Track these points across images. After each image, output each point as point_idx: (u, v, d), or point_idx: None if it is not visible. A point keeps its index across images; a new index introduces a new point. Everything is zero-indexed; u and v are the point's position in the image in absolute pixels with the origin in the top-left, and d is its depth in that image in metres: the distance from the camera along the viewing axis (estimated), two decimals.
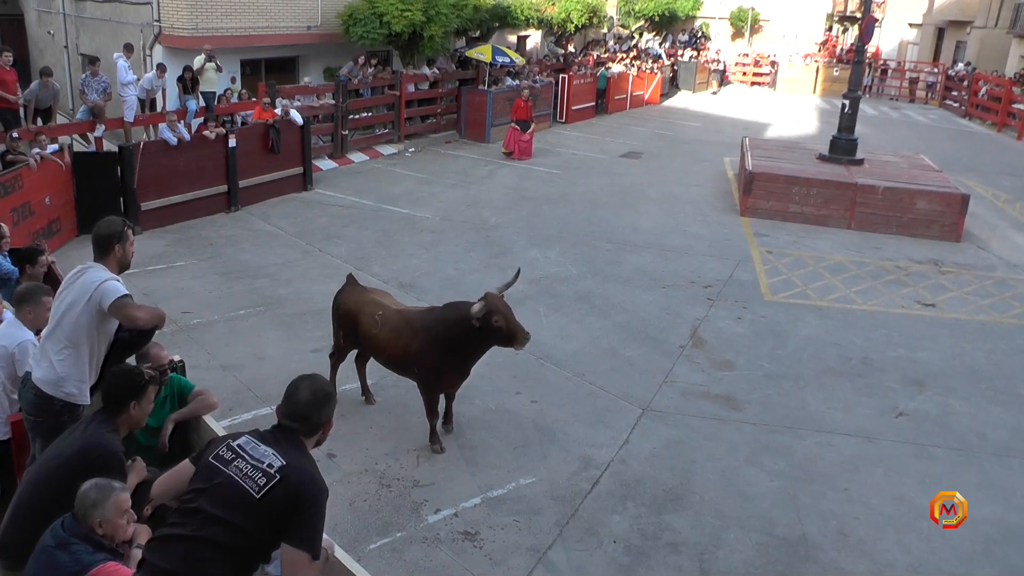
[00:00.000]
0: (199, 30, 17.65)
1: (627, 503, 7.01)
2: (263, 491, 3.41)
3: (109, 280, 4.70)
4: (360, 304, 7.92)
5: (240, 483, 3.45)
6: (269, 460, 3.49)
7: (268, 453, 3.51)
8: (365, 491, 6.95)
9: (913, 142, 23.83)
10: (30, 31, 24.65)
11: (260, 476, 3.44)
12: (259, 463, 3.49)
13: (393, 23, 19.44)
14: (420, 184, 17.31)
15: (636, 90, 29.45)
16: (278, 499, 3.41)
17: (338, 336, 8.25)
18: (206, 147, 14.44)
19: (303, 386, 3.65)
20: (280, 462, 3.48)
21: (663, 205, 16.59)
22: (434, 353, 7.36)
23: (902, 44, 40.40)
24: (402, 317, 7.67)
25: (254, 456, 3.52)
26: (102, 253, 4.86)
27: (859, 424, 8.51)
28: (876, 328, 10.98)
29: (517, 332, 7.01)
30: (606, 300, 11.46)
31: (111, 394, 4.36)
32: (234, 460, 3.53)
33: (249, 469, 3.48)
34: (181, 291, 11.05)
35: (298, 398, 3.61)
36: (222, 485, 3.48)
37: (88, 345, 4.77)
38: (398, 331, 7.57)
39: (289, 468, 3.47)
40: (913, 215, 15.21)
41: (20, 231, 10.79)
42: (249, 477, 3.45)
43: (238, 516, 3.40)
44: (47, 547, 3.67)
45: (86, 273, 4.80)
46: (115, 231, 4.88)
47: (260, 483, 3.43)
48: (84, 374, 4.77)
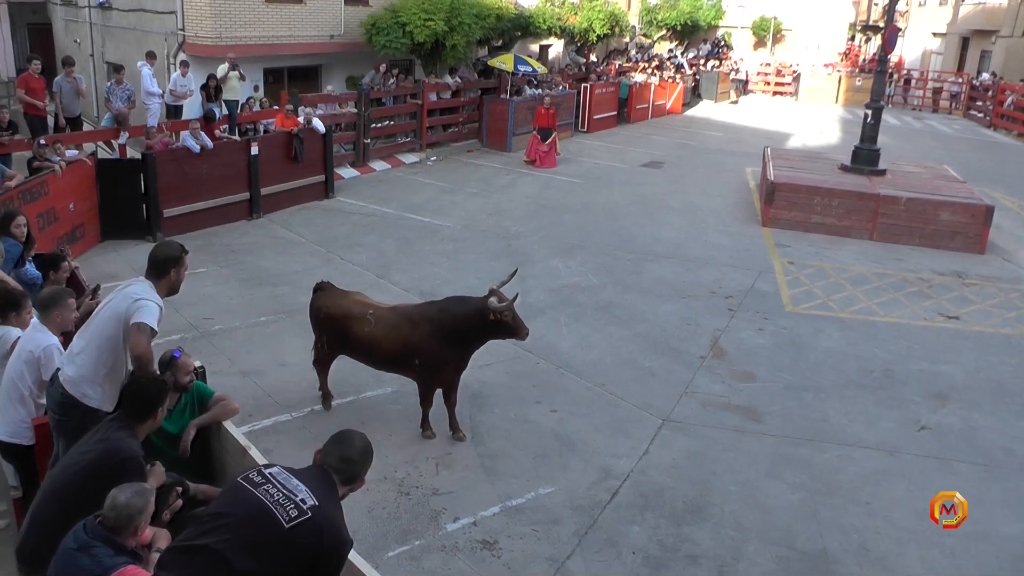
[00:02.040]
0: (223, 39, 17.80)
1: (647, 514, 6.98)
2: (293, 522, 3.41)
3: (149, 302, 4.79)
4: (345, 306, 7.91)
5: (270, 508, 3.45)
6: (302, 496, 3.50)
7: (301, 488, 3.54)
8: (384, 499, 6.96)
9: (937, 152, 23.66)
10: (57, 40, 24.97)
11: (291, 507, 3.45)
12: (291, 494, 3.50)
13: (416, 32, 19.55)
14: (442, 193, 17.35)
15: (658, 99, 29.43)
16: (304, 536, 3.41)
17: (321, 342, 8.15)
18: (228, 155, 14.55)
19: (356, 437, 3.84)
20: (312, 501, 3.50)
21: (684, 215, 16.55)
22: (437, 345, 7.56)
23: (926, 53, 40.22)
24: (397, 313, 7.82)
25: (286, 486, 3.53)
26: (157, 275, 4.96)
27: (881, 437, 8.44)
28: (898, 340, 10.90)
29: (521, 326, 7.45)
30: (627, 310, 11.43)
31: (138, 403, 4.40)
32: (264, 484, 3.55)
33: (280, 497, 3.49)
34: (203, 297, 11.11)
35: (349, 444, 3.79)
36: (250, 505, 3.48)
37: (109, 352, 4.81)
38: (395, 327, 7.67)
39: (321, 511, 3.49)
40: (936, 226, 15.09)
41: (45, 236, 10.90)
42: (280, 504, 3.46)
43: (263, 539, 3.40)
44: (69, 550, 3.69)
45: (133, 285, 4.92)
46: (173, 256, 5.00)
47: (291, 514, 3.43)
48: (100, 378, 4.81)
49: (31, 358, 5.19)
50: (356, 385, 8.66)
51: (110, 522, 3.70)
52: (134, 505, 3.71)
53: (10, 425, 5.25)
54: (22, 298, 5.90)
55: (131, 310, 4.73)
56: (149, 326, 4.73)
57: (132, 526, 3.71)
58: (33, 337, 5.30)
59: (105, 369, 4.83)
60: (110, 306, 4.86)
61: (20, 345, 5.35)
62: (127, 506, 3.70)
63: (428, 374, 7.76)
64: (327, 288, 8.18)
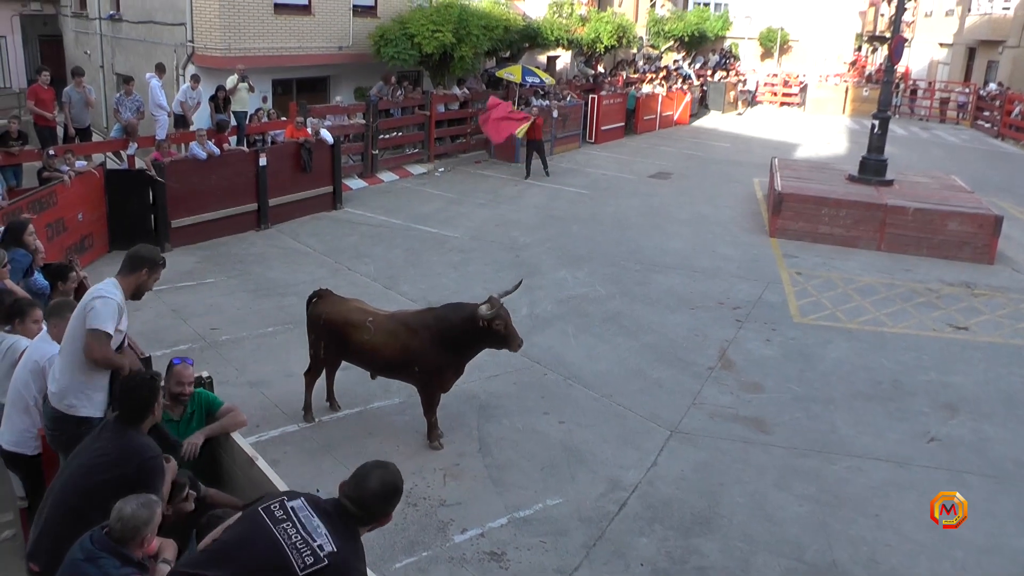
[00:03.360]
0: (232, 50, 17.88)
1: (655, 526, 6.95)
2: (307, 570, 3.30)
3: (105, 299, 4.73)
4: (344, 313, 7.93)
5: (286, 551, 3.34)
6: (321, 541, 3.37)
7: (321, 532, 3.40)
8: None
9: (944, 163, 23.61)
10: (68, 51, 25.13)
11: (308, 553, 3.33)
12: (310, 538, 3.37)
13: (424, 44, 19.62)
14: (449, 203, 17.37)
15: (665, 110, 29.44)
16: None
17: (318, 350, 8.11)
18: (237, 165, 14.59)
19: (374, 475, 3.55)
20: (331, 547, 3.36)
21: (692, 226, 16.54)
22: (435, 351, 7.66)
23: (932, 64, 40.18)
24: (396, 320, 7.88)
25: (306, 527, 3.41)
26: (128, 271, 4.92)
27: (890, 449, 8.40)
28: (907, 351, 10.86)
29: (513, 337, 7.56)
30: (635, 321, 11.42)
31: (135, 405, 4.38)
32: (284, 522, 3.43)
33: (298, 540, 3.36)
34: (210, 308, 11.14)
35: (367, 486, 3.51)
36: (267, 544, 3.38)
37: (81, 360, 4.79)
38: (394, 333, 7.74)
39: (339, 557, 3.37)
40: (944, 236, 15.05)
41: (54, 247, 10.93)
42: (296, 548, 3.34)
43: None
44: (76, 560, 3.69)
45: (97, 285, 4.88)
46: (151, 257, 4.97)
47: (307, 560, 3.32)
48: (82, 385, 4.80)
49: (36, 368, 5.20)
50: (364, 396, 8.66)
51: (116, 533, 3.70)
52: (140, 516, 3.71)
53: (15, 435, 5.26)
54: (30, 308, 5.91)
55: (88, 312, 4.71)
56: (102, 331, 4.66)
57: (139, 537, 3.72)
58: (39, 347, 5.31)
59: (83, 376, 4.80)
60: (76, 314, 4.86)
61: (26, 355, 5.36)
62: (133, 517, 3.70)
63: (428, 380, 7.82)
64: (326, 295, 8.18)
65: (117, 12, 21.31)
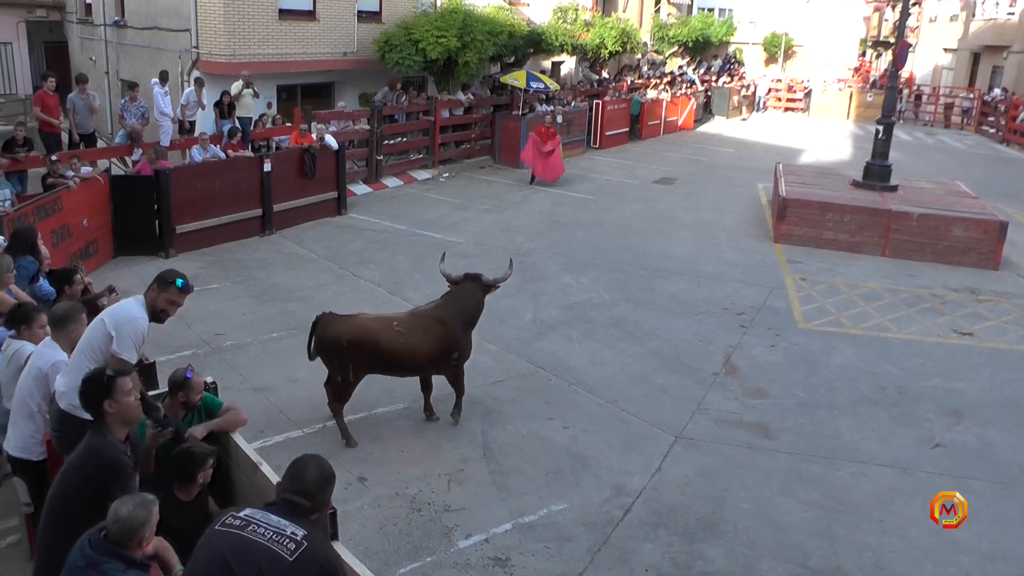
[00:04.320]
0: (236, 56, 17.91)
1: (659, 531, 6.95)
2: (295, 555, 3.44)
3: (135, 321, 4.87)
4: (364, 327, 7.82)
5: (268, 546, 3.47)
6: (291, 529, 3.53)
7: (284, 523, 3.56)
8: (396, 515, 6.95)
9: (949, 168, 23.61)
10: (73, 58, 25.19)
11: (288, 541, 3.48)
12: (280, 530, 3.52)
13: (428, 49, 19.63)
14: (454, 209, 17.39)
15: (670, 116, 29.46)
16: (308, 566, 3.46)
17: (346, 372, 7.84)
18: (241, 171, 14.61)
19: (311, 465, 3.77)
20: (302, 532, 3.53)
21: (696, 231, 16.54)
22: (466, 335, 8.28)
23: (937, 69, 40.18)
24: (422, 317, 8.14)
25: (270, 524, 3.55)
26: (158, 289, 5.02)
27: (895, 455, 8.39)
28: (912, 357, 10.84)
29: None
30: (639, 326, 11.41)
31: (84, 401, 4.39)
32: (248, 526, 3.55)
33: (272, 534, 3.50)
34: (215, 313, 11.15)
35: (306, 476, 3.73)
36: (249, 546, 3.49)
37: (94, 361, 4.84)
38: (428, 329, 8.00)
39: (313, 539, 3.54)
40: (949, 242, 15.03)
41: (59, 252, 10.97)
42: (275, 541, 3.48)
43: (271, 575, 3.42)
44: (77, 567, 3.67)
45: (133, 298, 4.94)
46: (166, 280, 5.05)
47: (290, 548, 3.46)
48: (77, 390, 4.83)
49: (40, 374, 5.22)
50: (368, 401, 8.66)
51: (114, 535, 3.69)
52: (137, 517, 3.71)
53: (21, 440, 5.29)
54: (36, 314, 5.94)
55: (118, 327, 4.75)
56: (128, 361, 4.81)
57: (137, 538, 3.72)
58: (43, 353, 5.33)
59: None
60: (99, 317, 4.90)
61: (31, 362, 5.39)
62: (130, 519, 3.70)
63: (461, 363, 8.31)
64: (331, 317, 7.88)
65: (122, 18, 21.35)
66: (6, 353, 5.75)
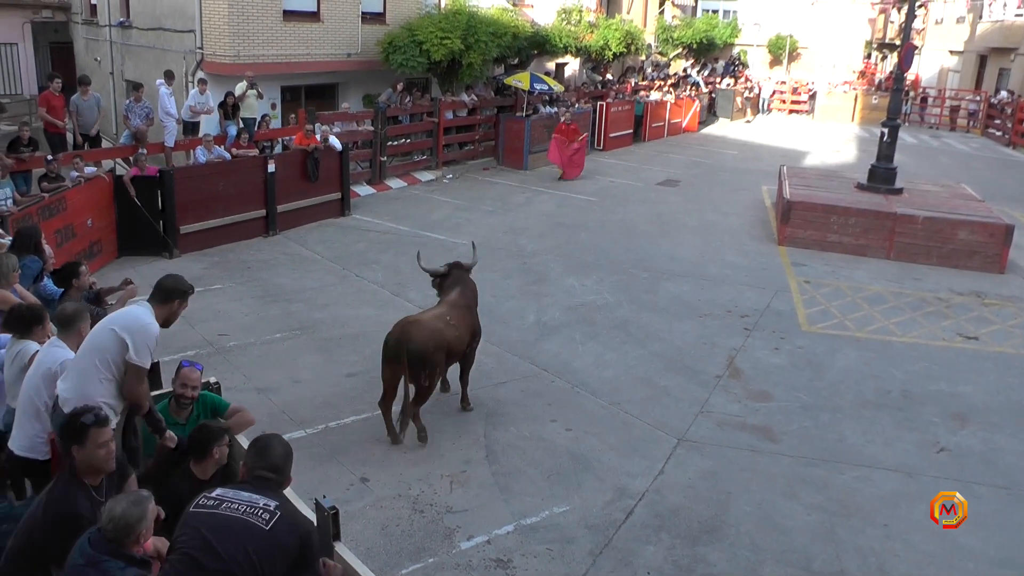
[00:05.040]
0: (241, 57, 17.93)
1: (662, 534, 6.92)
2: (270, 524, 3.61)
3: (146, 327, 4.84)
4: (440, 328, 8.08)
5: (244, 519, 3.63)
6: (263, 501, 3.70)
7: (255, 497, 3.72)
8: (398, 516, 6.93)
9: (954, 171, 23.54)
10: (78, 58, 25.26)
11: (262, 512, 3.65)
12: (252, 503, 3.68)
13: (432, 51, 19.63)
14: (457, 211, 17.38)
15: (674, 118, 29.43)
16: (285, 533, 3.64)
17: (434, 377, 7.99)
18: (245, 172, 14.62)
19: (274, 442, 4.01)
20: (274, 502, 3.71)
21: (700, 234, 16.51)
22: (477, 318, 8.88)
23: (943, 71, 40.05)
24: (456, 307, 8.53)
25: (242, 499, 3.71)
26: (161, 301, 5.02)
27: (899, 459, 8.35)
28: (916, 361, 10.80)
29: None
30: (642, 328, 11.39)
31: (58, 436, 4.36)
32: (221, 504, 3.69)
33: (245, 508, 3.66)
34: (218, 314, 11.15)
35: (271, 451, 3.95)
36: (226, 522, 3.63)
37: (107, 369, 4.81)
38: (465, 318, 8.54)
39: (284, 508, 3.73)
40: (954, 245, 14.98)
41: (63, 252, 10.95)
42: (250, 514, 3.64)
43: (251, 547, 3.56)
44: (77, 566, 3.67)
45: (139, 305, 4.93)
46: (182, 289, 5.10)
47: (264, 518, 3.63)
48: (89, 398, 4.77)
49: (48, 373, 5.20)
50: (370, 402, 8.65)
51: (110, 534, 3.70)
52: (132, 515, 3.72)
53: (27, 440, 5.26)
54: (41, 313, 5.94)
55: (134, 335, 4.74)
56: (144, 368, 4.82)
57: (133, 535, 3.73)
58: (50, 352, 5.32)
59: (92, 388, 4.80)
60: (107, 325, 4.88)
61: (38, 360, 5.37)
62: (124, 516, 3.71)
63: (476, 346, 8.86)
64: (412, 327, 7.90)
65: (127, 19, 21.39)
66: (9, 352, 5.74)
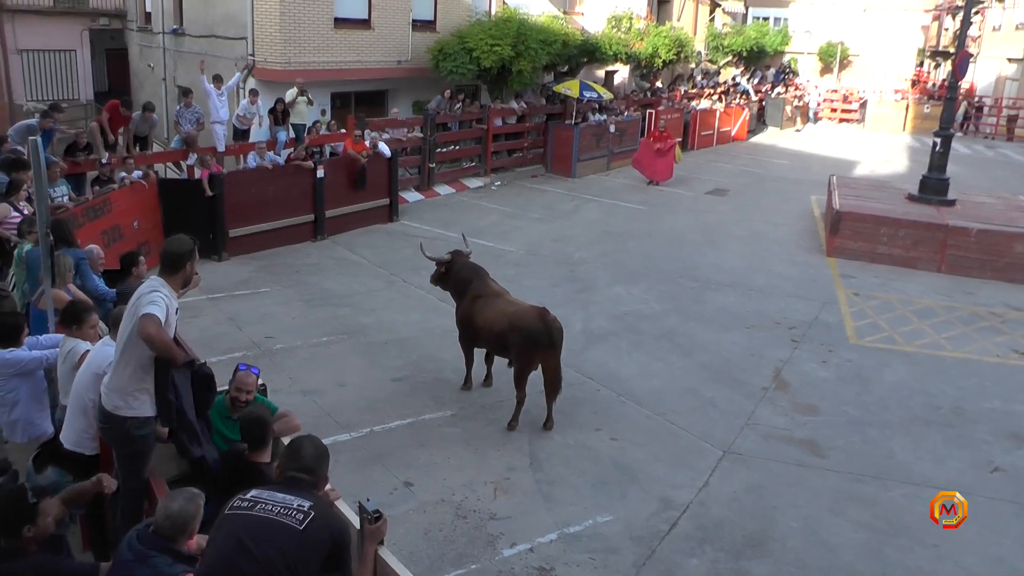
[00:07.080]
0: (291, 64, 18.14)
1: (705, 547, 6.87)
2: (304, 524, 3.61)
3: (155, 293, 4.84)
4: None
5: (278, 519, 3.63)
6: (297, 502, 3.70)
7: (289, 498, 3.72)
8: (441, 521, 6.96)
9: (1010, 183, 23.07)
10: (132, 64, 25.76)
11: (296, 513, 3.65)
12: (287, 504, 3.68)
13: (482, 58, 19.71)
14: (505, 218, 17.41)
15: (723, 126, 29.23)
16: (318, 532, 3.64)
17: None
18: (294, 177, 14.80)
19: (307, 443, 4.01)
20: (308, 503, 3.71)
21: (748, 243, 16.37)
22: None
23: (999, 80, 39.25)
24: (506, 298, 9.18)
25: (276, 500, 3.71)
26: (172, 270, 5.02)
27: (950, 477, 8.18)
28: (968, 377, 10.59)
29: None
30: (689, 339, 11.32)
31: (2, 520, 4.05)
32: (256, 506, 3.69)
33: (280, 509, 3.67)
34: (265, 316, 11.29)
35: (304, 453, 3.95)
36: (260, 522, 3.63)
37: (133, 354, 4.87)
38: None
39: (318, 508, 3.73)
40: (1010, 259, 14.65)
41: (110, 253, 11.07)
42: (284, 515, 3.65)
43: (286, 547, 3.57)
44: (125, 561, 3.74)
45: (143, 283, 5.00)
46: (187, 250, 5.08)
47: (298, 518, 3.63)
48: (124, 387, 4.88)
49: (100, 371, 5.31)
50: (416, 407, 8.70)
51: (166, 531, 3.77)
52: (187, 511, 3.81)
53: (75, 435, 5.40)
54: (87, 313, 6.08)
55: (138, 307, 4.80)
56: (153, 314, 4.73)
57: (187, 531, 3.81)
58: (101, 351, 5.44)
59: (127, 380, 4.88)
60: (126, 316, 4.96)
61: (88, 359, 5.49)
62: (181, 513, 3.79)
63: None
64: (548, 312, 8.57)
65: (180, 26, 21.76)
66: (62, 351, 5.88)
